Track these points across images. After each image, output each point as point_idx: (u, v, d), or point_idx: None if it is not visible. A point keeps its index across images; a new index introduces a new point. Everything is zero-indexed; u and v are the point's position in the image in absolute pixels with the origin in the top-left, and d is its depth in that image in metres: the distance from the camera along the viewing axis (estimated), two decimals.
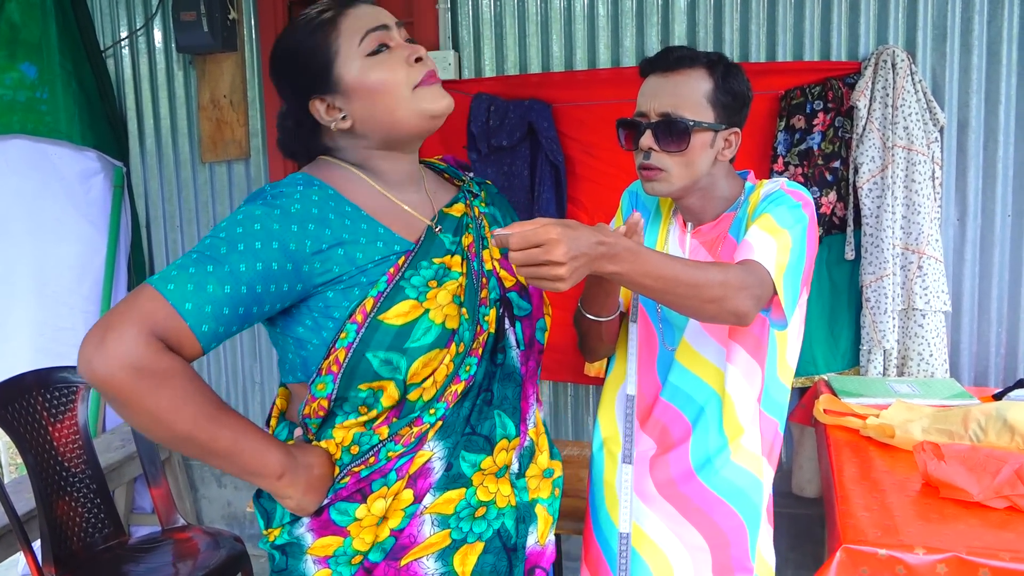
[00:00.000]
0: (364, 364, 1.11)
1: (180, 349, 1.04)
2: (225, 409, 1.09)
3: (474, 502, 1.20)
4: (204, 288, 1.04)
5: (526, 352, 1.28)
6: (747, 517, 1.45)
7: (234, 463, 1.09)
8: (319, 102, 1.18)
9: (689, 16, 2.80)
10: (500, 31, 3.00)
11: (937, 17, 2.58)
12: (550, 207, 2.84)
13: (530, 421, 1.29)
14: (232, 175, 3.37)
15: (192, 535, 2.56)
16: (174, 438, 1.05)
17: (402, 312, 1.11)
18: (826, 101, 2.59)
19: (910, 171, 2.52)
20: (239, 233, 1.07)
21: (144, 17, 3.36)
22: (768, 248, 1.31)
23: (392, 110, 1.17)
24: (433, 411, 1.17)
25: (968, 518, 1.56)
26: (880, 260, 2.53)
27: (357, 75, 1.15)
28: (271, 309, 1.11)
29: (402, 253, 1.15)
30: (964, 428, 1.90)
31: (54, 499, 2.38)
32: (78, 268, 3.26)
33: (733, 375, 1.43)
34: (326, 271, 1.11)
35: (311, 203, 1.12)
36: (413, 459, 1.17)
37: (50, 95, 3.16)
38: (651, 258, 1.15)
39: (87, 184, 3.28)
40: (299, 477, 1.13)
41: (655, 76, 1.44)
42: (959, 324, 2.67)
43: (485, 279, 1.23)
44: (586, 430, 3.07)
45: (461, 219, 1.25)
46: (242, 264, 1.06)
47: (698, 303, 1.21)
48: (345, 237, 1.12)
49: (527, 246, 1.03)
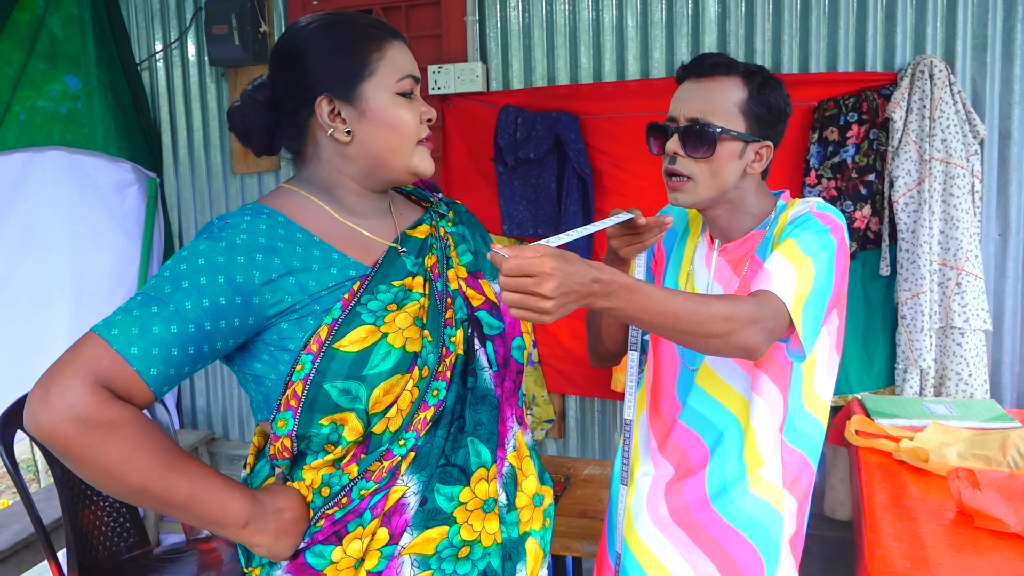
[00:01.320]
0: (323, 395, 1.07)
1: (129, 396, 1.00)
2: (182, 457, 1.04)
3: (456, 541, 1.15)
4: (149, 330, 0.99)
5: (500, 372, 1.22)
6: (764, 550, 1.40)
7: (194, 514, 1.04)
8: (327, 101, 1.14)
9: (720, 27, 2.75)
10: (528, 43, 2.98)
11: (977, 26, 2.50)
12: (577, 220, 2.81)
13: (508, 446, 1.22)
14: (262, 187, 3.40)
15: (216, 545, 2.56)
16: (128, 491, 1.00)
17: (358, 338, 1.07)
18: (860, 113, 2.53)
19: (948, 185, 2.44)
20: (183, 270, 1.04)
21: (178, 31, 3.41)
22: (786, 277, 1.26)
23: (393, 150, 1.16)
24: (403, 442, 1.12)
25: (1004, 550, 1.49)
26: (917, 277, 2.45)
27: (383, 104, 1.14)
28: (224, 346, 1.06)
29: (357, 278, 1.12)
30: (1002, 454, 1.83)
31: (80, 508, 2.40)
32: (113, 277, 3.32)
33: (756, 403, 1.39)
34: (278, 301, 1.07)
35: (258, 232, 1.08)
36: (387, 495, 1.12)
37: (88, 107, 3.22)
38: (650, 294, 1.11)
39: (122, 195, 3.34)
40: (267, 523, 1.08)
41: (689, 82, 1.41)
42: (1001, 343, 2.58)
43: (450, 299, 1.19)
44: (613, 447, 3.03)
45: (425, 240, 1.22)
46: (187, 302, 1.02)
47: (702, 339, 1.17)
48: (296, 265, 1.09)
49: (519, 274, 1.00)
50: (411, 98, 1.17)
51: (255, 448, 1.24)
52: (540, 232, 2.90)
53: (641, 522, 1.47)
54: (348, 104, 1.14)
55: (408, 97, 1.16)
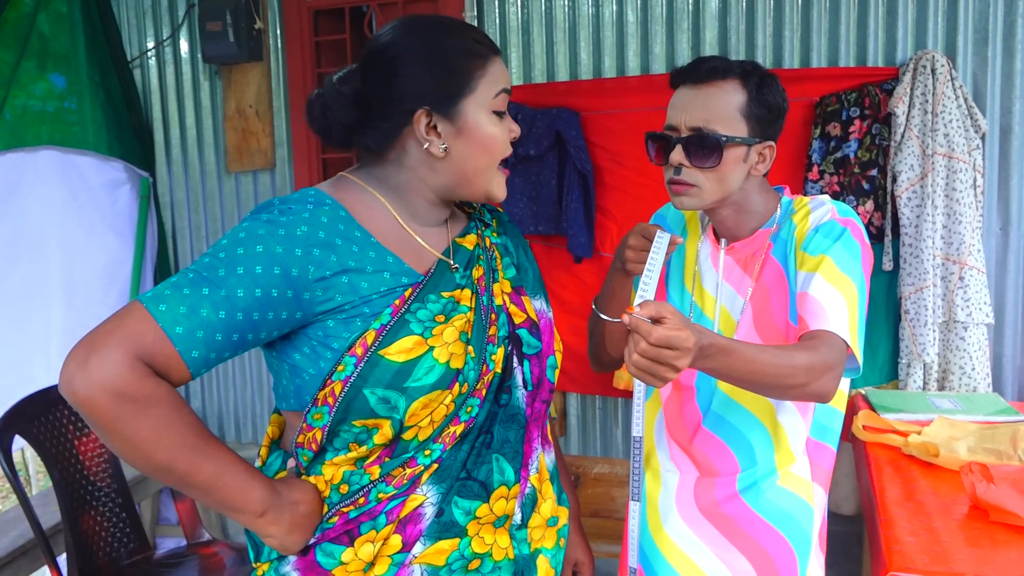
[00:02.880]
0: (360, 400, 1.05)
1: (167, 374, 0.99)
2: (209, 439, 1.03)
3: (468, 553, 1.13)
4: (197, 312, 0.98)
5: (533, 392, 1.21)
6: (796, 544, 1.40)
7: (214, 497, 1.04)
8: (426, 115, 1.11)
9: (720, 22, 2.74)
10: (527, 39, 2.96)
11: (978, 20, 2.51)
12: (578, 216, 2.80)
13: (532, 467, 1.20)
14: (257, 185, 3.36)
15: (218, 550, 2.53)
16: (153, 467, 1.00)
17: (405, 348, 1.06)
18: (863, 108, 2.52)
19: (951, 179, 2.44)
20: (240, 255, 1.02)
21: (171, 28, 3.36)
22: (839, 310, 1.27)
23: (480, 169, 1.14)
24: (428, 452, 1.11)
25: (1021, 544, 1.49)
26: (920, 271, 2.46)
27: (480, 122, 1.12)
28: (267, 336, 1.05)
29: (409, 285, 1.10)
30: (1013, 448, 1.83)
31: (79, 513, 2.37)
32: (106, 278, 3.27)
33: (784, 406, 1.38)
34: (328, 299, 1.05)
35: (319, 225, 1.06)
36: (404, 502, 1.10)
37: (78, 106, 3.17)
38: (741, 354, 1.13)
39: (114, 194, 3.29)
40: (283, 515, 1.08)
41: (686, 88, 1.38)
42: (1002, 337, 2.59)
43: (495, 315, 1.17)
44: (615, 445, 3.01)
45: (473, 251, 1.20)
46: (240, 289, 1.00)
47: (782, 390, 1.21)
48: (351, 264, 1.07)
49: (664, 346, 1.00)
50: (503, 117, 1.15)
51: (268, 440, 1.22)
52: (541, 230, 2.88)
53: (671, 521, 1.46)
54: (447, 120, 1.12)
55: (500, 115, 1.15)
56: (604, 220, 2.86)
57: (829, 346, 1.23)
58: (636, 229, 1.38)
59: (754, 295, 1.40)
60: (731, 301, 1.43)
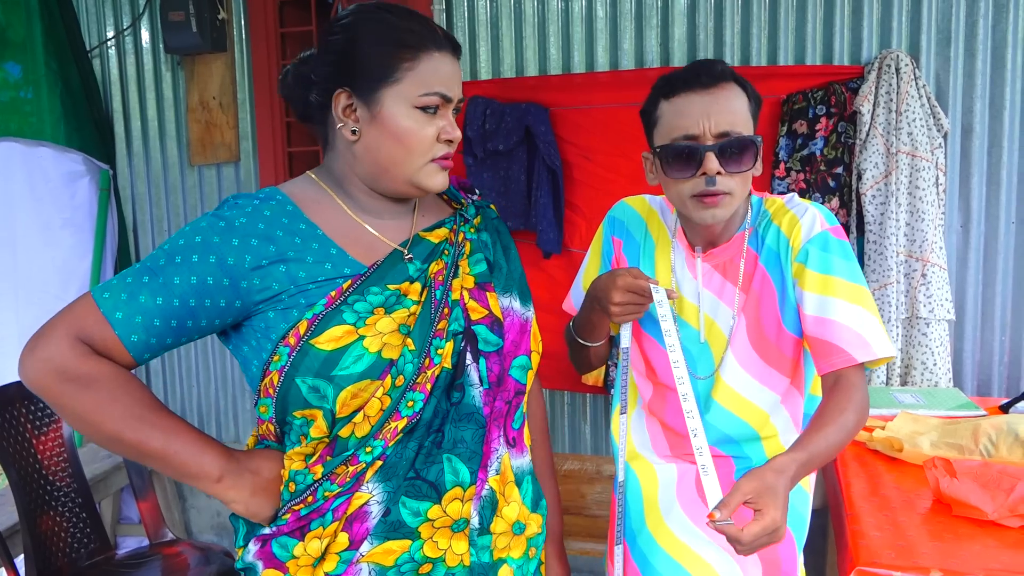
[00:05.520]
0: (295, 389, 1.08)
1: (110, 356, 1.06)
2: (158, 411, 1.08)
3: (418, 557, 1.11)
4: (136, 298, 1.05)
5: (492, 391, 1.18)
6: (795, 528, 1.42)
7: (169, 464, 1.09)
8: (346, 96, 1.12)
9: (689, 18, 2.75)
10: (496, 33, 2.94)
11: (941, 21, 2.55)
12: (547, 212, 2.79)
13: (491, 468, 1.17)
14: (221, 178, 3.30)
15: (181, 549, 2.49)
16: (104, 438, 1.07)
17: (334, 337, 1.07)
18: (829, 106, 2.55)
19: (914, 177, 2.48)
20: (180, 245, 1.07)
21: (131, 16, 3.29)
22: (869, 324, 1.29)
23: (396, 162, 1.13)
24: (369, 449, 1.11)
25: (984, 538, 1.52)
26: (884, 268, 2.49)
27: (396, 114, 1.11)
28: (209, 325, 1.09)
29: (350, 277, 1.11)
30: (974, 443, 1.86)
31: (38, 514, 2.31)
32: (64, 273, 3.20)
33: (779, 413, 1.40)
34: (265, 287, 1.08)
35: (260, 218, 1.10)
36: (350, 500, 1.11)
37: (35, 95, 3.09)
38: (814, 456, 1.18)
39: (72, 187, 3.21)
40: (242, 479, 1.11)
41: (694, 94, 1.31)
42: (962, 333, 2.64)
43: (448, 309, 1.16)
44: (583, 441, 3.02)
45: (439, 245, 1.19)
46: (176, 277, 1.06)
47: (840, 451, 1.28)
48: (290, 255, 1.09)
49: (760, 537, 1.05)
50: (432, 114, 1.12)
51: (255, 434, 1.23)
52: (509, 225, 2.86)
53: (674, 515, 1.45)
54: (364, 104, 1.12)
55: (428, 113, 1.12)
56: (573, 216, 2.85)
57: (856, 387, 1.28)
58: (620, 284, 1.31)
59: (746, 306, 1.39)
60: (714, 309, 1.42)
